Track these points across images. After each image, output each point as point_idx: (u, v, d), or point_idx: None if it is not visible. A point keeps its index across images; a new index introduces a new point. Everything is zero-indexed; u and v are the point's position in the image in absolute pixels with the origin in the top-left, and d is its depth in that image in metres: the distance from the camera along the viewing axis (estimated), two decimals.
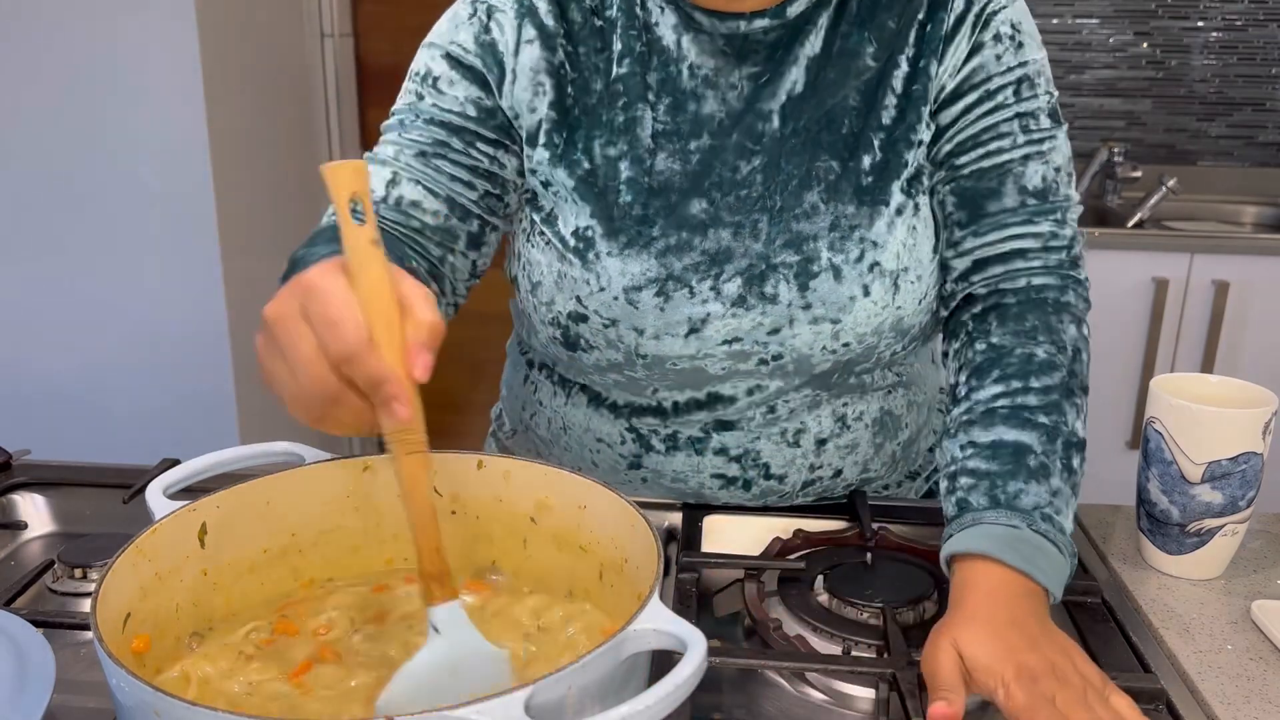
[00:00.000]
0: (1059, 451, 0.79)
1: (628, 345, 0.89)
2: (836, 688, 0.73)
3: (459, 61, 0.89)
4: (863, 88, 0.89)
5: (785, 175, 0.88)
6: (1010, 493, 0.77)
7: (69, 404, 2.26)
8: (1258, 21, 2.69)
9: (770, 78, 0.88)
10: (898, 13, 0.88)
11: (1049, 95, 0.90)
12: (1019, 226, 0.88)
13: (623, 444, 0.97)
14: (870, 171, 0.88)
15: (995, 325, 0.87)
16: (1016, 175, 0.88)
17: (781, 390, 0.92)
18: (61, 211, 2.16)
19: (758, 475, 0.95)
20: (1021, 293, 0.88)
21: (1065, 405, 0.82)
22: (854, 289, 0.87)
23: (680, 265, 0.87)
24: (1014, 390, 0.82)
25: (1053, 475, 0.78)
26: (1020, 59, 0.88)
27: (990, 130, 0.88)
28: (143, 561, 0.64)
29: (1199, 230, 2.56)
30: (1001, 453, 0.79)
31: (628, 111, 0.89)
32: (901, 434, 1.01)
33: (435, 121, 0.89)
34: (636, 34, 0.89)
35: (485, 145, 0.89)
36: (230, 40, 2.19)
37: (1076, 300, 0.88)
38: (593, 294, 0.88)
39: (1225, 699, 0.73)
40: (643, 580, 0.63)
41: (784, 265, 0.87)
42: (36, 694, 0.61)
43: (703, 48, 0.88)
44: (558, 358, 0.95)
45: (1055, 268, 0.89)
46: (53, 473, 1.02)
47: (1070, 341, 0.85)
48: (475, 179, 0.89)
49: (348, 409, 0.56)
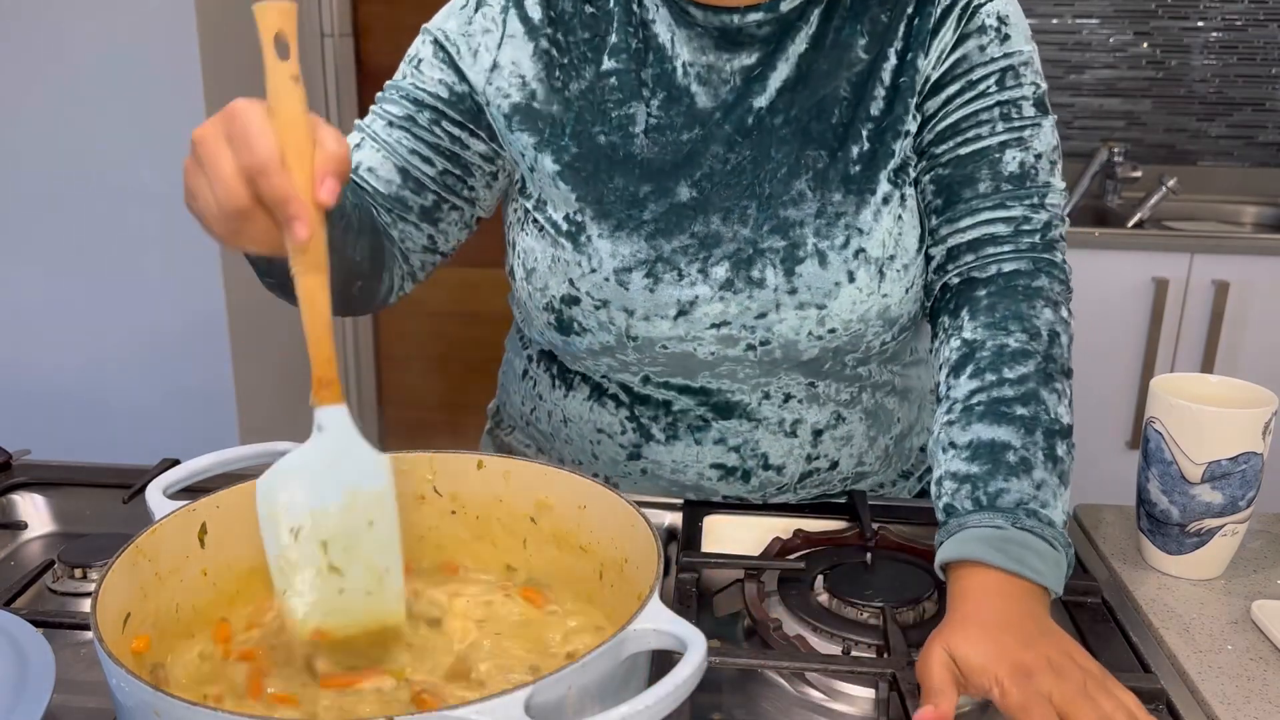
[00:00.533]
0: (1040, 442, 0.78)
1: (618, 327, 0.91)
2: (836, 688, 0.73)
3: (441, 46, 0.93)
4: (854, 79, 0.89)
5: (774, 163, 0.89)
6: (992, 493, 0.76)
7: (69, 404, 2.26)
8: (1258, 21, 2.69)
9: (762, 70, 0.89)
10: (889, 6, 0.89)
11: (1035, 86, 0.89)
12: (990, 211, 0.88)
13: (623, 434, 0.98)
14: (858, 161, 0.89)
15: (967, 319, 0.87)
16: (993, 162, 0.88)
17: (773, 375, 0.92)
18: (61, 211, 2.16)
19: (757, 465, 0.96)
20: (991, 281, 0.87)
21: (1044, 393, 0.81)
22: (839, 275, 0.88)
23: (669, 248, 0.89)
24: (988, 384, 0.82)
25: (1034, 468, 0.77)
26: (1005, 50, 0.88)
27: (970, 119, 0.88)
28: (143, 561, 0.64)
29: (1199, 230, 2.56)
30: (980, 453, 0.79)
31: (620, 106, 0.90)
32: (894, 428, 1.02)
33: (408, 97, 0.93)
34: (633, 30, 0.90)
35: (451, 125, 0.92)
36: (230, 40, 2.19)
37: (1051, 283, 0.87)
38: (584, 275, 0.90)
39: (1225, 699, 0.73)
40: (643, 580, 0.63)
41: (770, 250, 0.88)
42: (36, 694, 0.61)
43: (696, 42, 0.89)
44: (553, 344, 0.97)
45: (1027, 251, 0.88)
46: (53, 473, 1.02)
47: (1045, 326, 0.84)
48: (435, 155, 0.93)
49: (257, 225, 0.62)
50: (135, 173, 2.13)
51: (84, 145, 2.11)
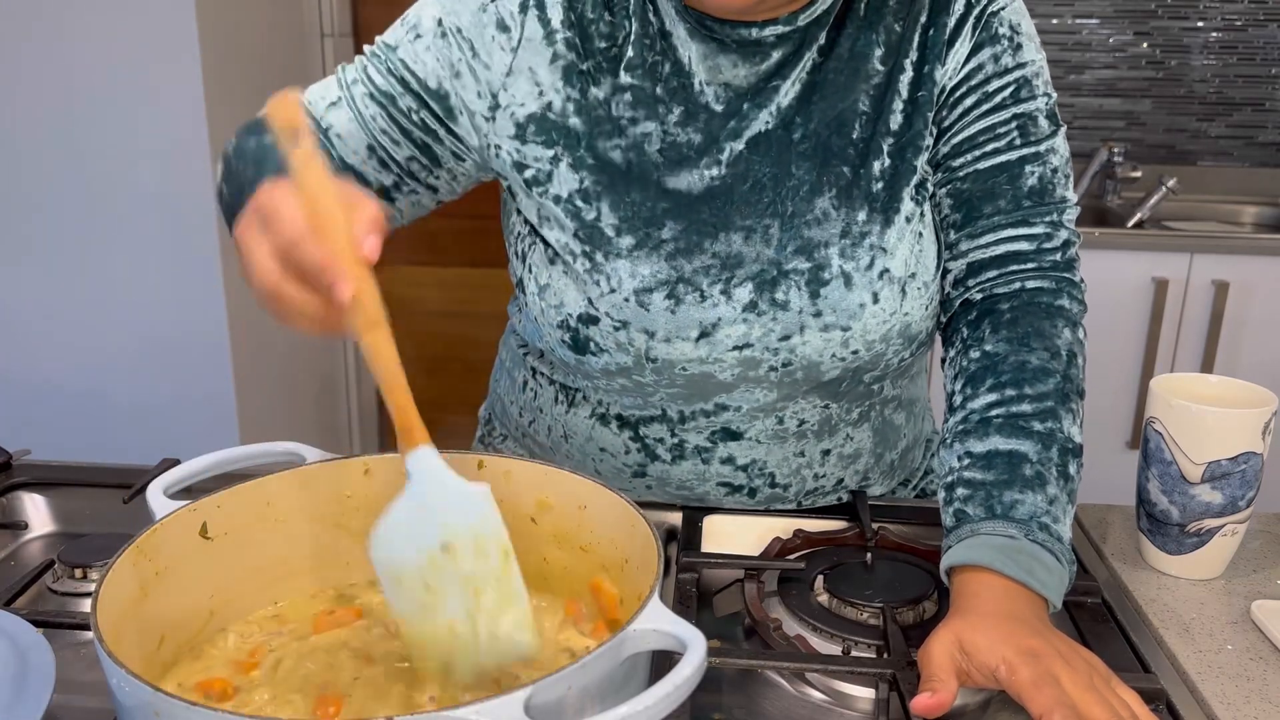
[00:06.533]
0: (1055, 459, 0.79)
1: (638, 348, 0.88)
2: (836, 688, 0.73)
3: (445, 35, 0.88)
4: (872, 91, 0.88)
5: (796, 180, 0.87)
6: (1006, 503, 0.77)
7: (69, 404, 2.26)
8: (1258, 21, 2.69)
9: (780, 84, 0.87)
10: (902, 16, 0.88)
11: (1047, 97, 0.89)
12: (1013, 228, 0.88)
13: (627, 454, 0.96)
14: (880, 178, 0.87)
15: (989, 332, 0.87)
16: (1012, 177, 0.88)
17: (790, 398, 0.91)
18: (62, 212, 2.16)
19: (763, 484, 0.95)
20: (1015, 297, 0.87)
21: (1061, 411, 0.81)
22: (864, 296, 0.87)
23: (690, 268, 0.87)
24: (1008, 399, 0.82)
25: (1049, 484, 0.78)
26: (1019, 60, 0.88)
27: (987, 132, 0.88)
28: (143, 561, 0.64)
29: (1199, 230, 2.56)
30: (997, 462, 0.79)
31: (637, 121, 0.87)
32: (900, 443, 1.01)
33: (395, 73, 0.90)
34: (650, 43, 0.88)
35: (428, 116, 0.90)
36: (230, 40, 2.19)
37: (1071, 304, 0.88)
38: (604, 295, 0.87)
39: (1225, 699, 0.73)
40: (643, 580, 0.63)
41: (795, 272, 0.87)
42: (36, 694, 0.61)
43: (713, 57, 0.87)
44: (564, 361, 0.94)
45: (1049, 269, 0.88)
46: (53, 473, 1.02)
47: (1065, 346, 0.85)
48: (405, 141, 0.91)
49: (295, 302, 0.62)
50: (135, 173, 2.13)
51: (84, 146, 2.11)
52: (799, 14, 0.85)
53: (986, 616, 0.69)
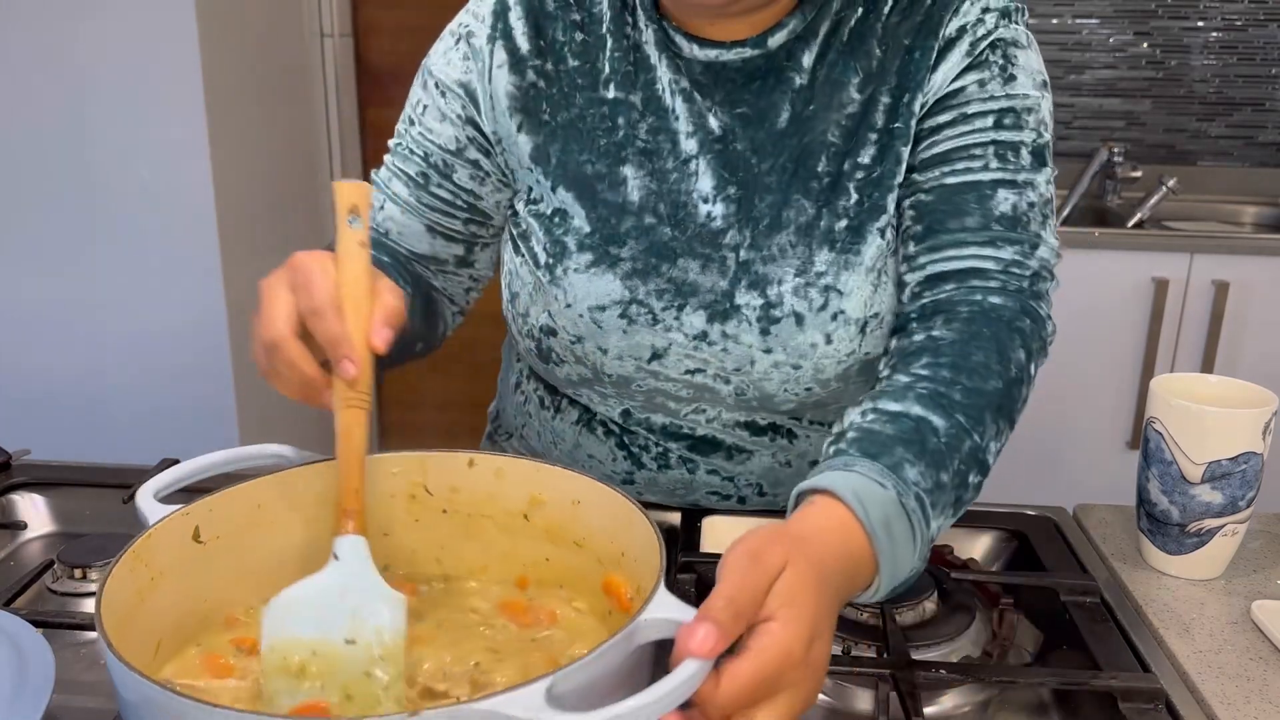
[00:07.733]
0: (961, 454, 0.70)
1: (593, 363, 0.89)
2: (836, 688, 0.73)
3: (442, 93, 0.91)
4: (844, 122, 0.85)
5: (758, 213, 0.85)
6: (896, 458, 0.67)
7: (69, 404, 2.26)
8: (1258, 21, 2.69)
9: (749, 109, 0.85)
10: (885, 41, 0.84)
11: (1037, 134, 0.83)
12: (979, 247, 0.81)
13: (614, 461, 0.96)
14: (843, 215, 0.84)
15: (940, 322, 0.79)
16: (983, 197, 0.82)
17: (755, 417, 0.91)
18: (62, 211, 2.16)
19: (752, 494, 0.96)
20: (975, 304, 0.80)
21: (988, 419, 0.73)
22: (815, 336, 0.85)
23: (645, 290, 0.86)
24: (941, 379, 0.74)
25: (944, 470, 0.69)
26: (1009, 90, 0.83)
27: (961, 151, 0.83)
28: (140, 566, 0.64)
29: (1199, 230, 2.56)
30: (903, 422, 0.70)
31: (610, 134, 0.87)
32: None
33: (418, 153, 0.92)
34: (623, 54, 0.87)
35: (463, 177, 0.92)
36: (230, 40, 2.19)
37: (1034, 330, 0.80)
38: (561, 310, 0.88)
39: (1225, 699, 0.73)
40: (642, 574, 0.63)
41: (747, 307, 0.85)
42: (36, 694, 0.61)
43: (684, 78, 0.86)
44: (537, 369, 0.96)
45: (1015, 292, 0.80)
46: (52, 473, 1.02)
47: (1015, 363, 0.77)
48: (455, 210, 0.93)
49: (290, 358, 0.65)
50: (135, 173, 2.12)
51: (84, 146, 2.11)
52: (767, 36, 0.84)
53: (815, 565, 0.57)
